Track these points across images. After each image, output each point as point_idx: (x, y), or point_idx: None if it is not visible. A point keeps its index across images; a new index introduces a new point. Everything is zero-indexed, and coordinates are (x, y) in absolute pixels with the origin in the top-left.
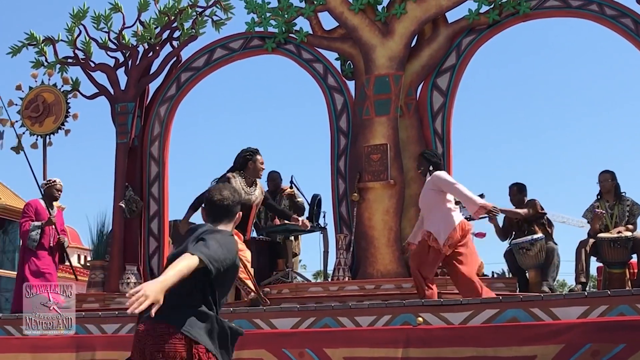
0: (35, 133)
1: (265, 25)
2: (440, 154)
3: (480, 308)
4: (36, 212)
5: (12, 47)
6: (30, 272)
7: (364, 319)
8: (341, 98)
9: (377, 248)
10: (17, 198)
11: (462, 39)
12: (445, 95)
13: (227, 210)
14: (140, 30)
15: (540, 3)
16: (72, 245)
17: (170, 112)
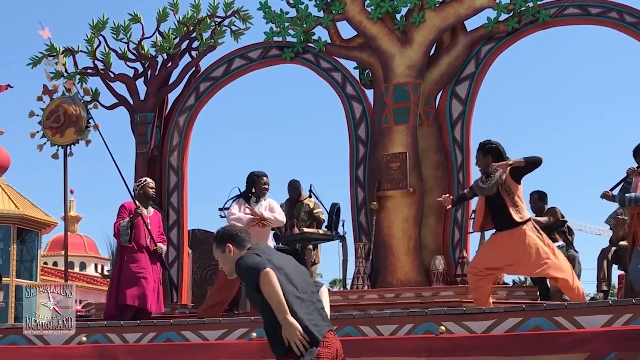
0: (56, 143)
1: (283, 34)
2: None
3: (503, 317)
4: (130, 214)
5: (32, 58)
6: (123, 277)
7: (386, 328)
8: (360, 107)
9: (396, 256)
10: (35, 208)
11: (481, 47)
12: (464, 104)
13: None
14: (160, 41)
15: (559, 11)
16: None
17: (189, 121)
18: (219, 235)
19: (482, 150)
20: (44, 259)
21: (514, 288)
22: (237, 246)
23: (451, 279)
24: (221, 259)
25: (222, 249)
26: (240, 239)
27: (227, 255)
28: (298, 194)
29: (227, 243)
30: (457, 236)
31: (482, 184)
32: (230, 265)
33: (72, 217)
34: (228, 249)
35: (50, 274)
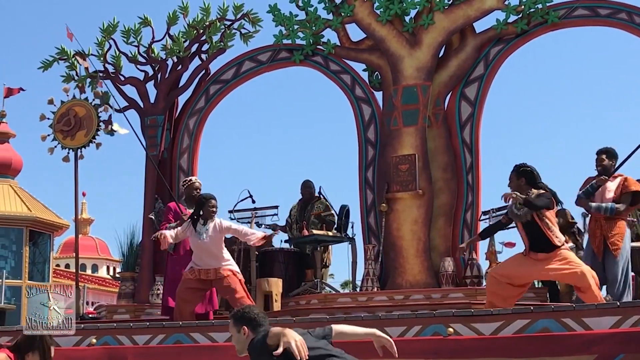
0: (67, 146)
1: (293, 37)
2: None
3: (512, 318)
4: (175, 215)
5: (43, 61)
6: (168, 280)
7: (394, 330)
8: (369, 109)
9: (405, 258)
10: (47, 210)
11: (490, 49)
12: (473, 105)
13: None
14: (170, 44)
15: (568, 12)
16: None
17: (199, 124)
18: (237, 316)
19: (515, 173)
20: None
21: None
22: (253, 330)
23: (460, 281)
24: (234, 338)
25: (238, 329)
26: (256, 323)
27: (240, 337)
28: (311, 194)
29: (243, 325)
30: (466, 238)
31: (517, 211)
32: (241, 346)
33: (84, 220)
34: (243, 331)
35: (62, 276)
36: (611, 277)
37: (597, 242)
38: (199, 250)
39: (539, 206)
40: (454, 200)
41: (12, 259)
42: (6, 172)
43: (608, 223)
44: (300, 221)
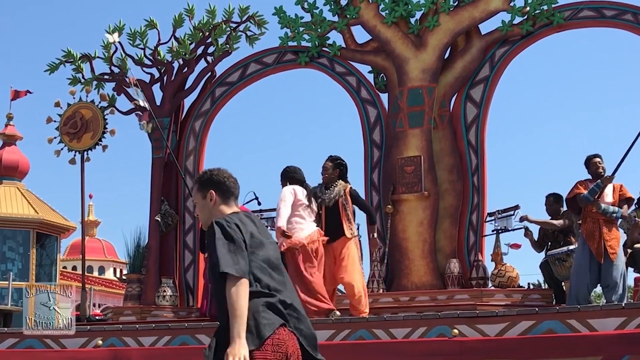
0: (73, 149)
1: (298, 39)
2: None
3: (517, 320)
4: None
5: (49, 64)
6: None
7: (399, 331)
8: (374, 111)
9: (411, 260)
10: (54, 212)
11: (496, 51)
12: (479, 107)
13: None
14: (175, 46)
15: (574, 13)
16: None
17: (205, 126)
18: (203, 179)
19: (333, 163)
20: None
21: (529, 291)
22: (221, 196)
23: (466, 282)
24: (199, 205)
25: (204, 195)
26: (226, 187)
27: (206, 203)
28: None
29: (210, 189)
30: (472, 239)
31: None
32: (207, 214)
33: (90, 222)
34: (210, 195)
35: (69, 278)
36: (612, 282)
37: (597, 244)
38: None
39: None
40: (460, 202)
41: (19, 261)
42: (13, 175)
43: (607, 226)
44: None
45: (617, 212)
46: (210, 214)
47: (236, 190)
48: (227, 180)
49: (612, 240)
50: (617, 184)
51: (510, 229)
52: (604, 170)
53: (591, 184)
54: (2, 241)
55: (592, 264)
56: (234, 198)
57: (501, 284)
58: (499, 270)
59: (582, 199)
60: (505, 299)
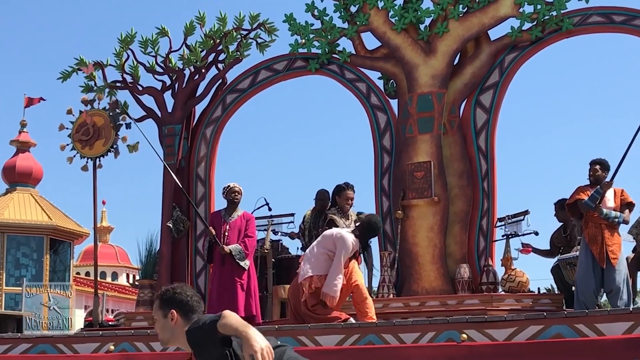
0: (85, 156)
1: (308, 46)
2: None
3: (525, 324)
4: (212, 225)
5: (62, 72)
6: (211, 289)
7: (408, 336)
8: (384, 117)
9: (421, 265)
10: (67, 219)
11: (505, 56)
12: (488, 112)
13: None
14: (187, 54)
15: (583, 19)
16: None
17: (216, 133)
18: (164, 298)
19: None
20: (77, 269)
21: (540, 296)
22: (184, 315)
23: (476, 287)
24: (159, 324)
25: (165, 314)
26: (189, 307)
27: (167, 322)
28: (324, 205)
29: (172, 309)
30: (482, 244)
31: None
32: (168, 334)
33: (104, 228)
34: (172, 315)
35: (82, 284)
36: (615, 287)
37: (599, 249)
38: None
39: None
40: (470, 207)
41: (33, 267)
42: (27, 181)
43: (609, 231)
44: (315, 229)
45: (619, 217)
46: (172, 334)
47: (199, 309)
48: (190, 299)
49: (613, 245)
50: (618, 189)
51: (520, 234)
52: (599, 178)
53: (591, 190)
54: (16, 247)
55: (595, 269)
56: (196, 316)
57: (511, 289)
58: (509, 275)
59: (583, 205)
60: (516, 303)
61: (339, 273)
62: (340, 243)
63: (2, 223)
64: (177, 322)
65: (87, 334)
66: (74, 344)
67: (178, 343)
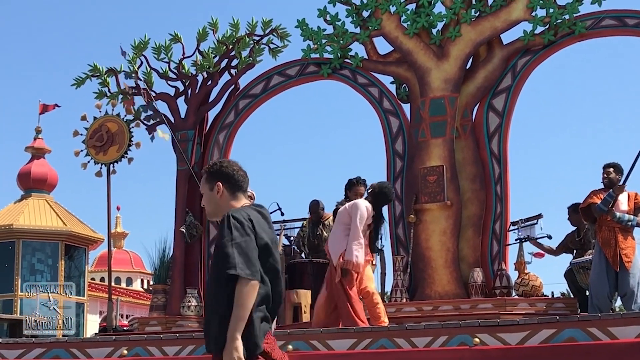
0: (99, 162)
1: (321, 51)
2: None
3: (537, 328)
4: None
5: (76, 78)
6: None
7: (421, 340)
8: (397, 121)
9: (434, 269)
10: (82, 225)
11: (518, 60)
12: (501, 116)
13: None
14: (200, 60)
15: (595, 23)
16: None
17: (228, 138)
18: (212, 171)
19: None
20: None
21: (553, 300)
22: (230, 188)
23: (490, 291)
24: (206, 196)
25: (211, 186)
26: (235, 181)
27: (213, 195)
28: (319, 215)
29: (218, 181)
30: (495, 248)
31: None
32: (213, 206)
33: (118, 234)
34: (218, 188)
35: (97, 290)
36: (629, 291)
37: (612, 252)
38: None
39: None
40: (483, 211)
41: (48, 273)
42: (42, 187)
43: (623, 234)
44: (312, 238)
45: (633, 221)
46: (217, 207)
47: (245, 184)
48: (236, 173)
49: (627, 248)
50: (632, 192)
51: (534, 238)
52: (613, 181)
53: (605, 193)
54: (32, 253)
55: (609, 272)
56: (242, 191)
57: (525, 293)
58: (522, 279)
59: (597, 209)
60: (529, 308)
61: (356, 239)
62: (354, 209)
63: (18, 229)
64: (222, 195)
65: (101, 338)
66: (87, 348)
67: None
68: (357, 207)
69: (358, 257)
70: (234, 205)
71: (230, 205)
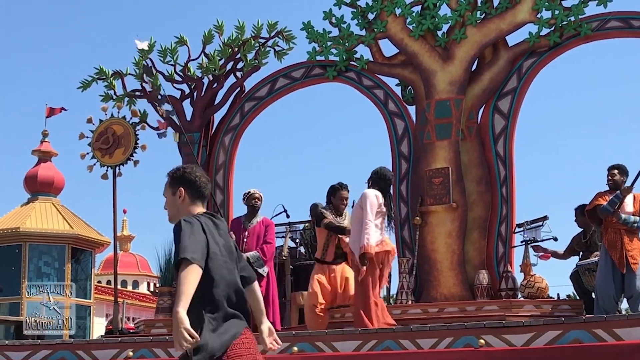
0: (105, 164)
1: (326, 53)
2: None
3: (543, 330)
4: (232, 232)
5: (82, 81)
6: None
7: (426, 342)
8: (402, 123)
9: (440, 271)
10: (89, 228)
11: (523, 62)
12: (507, 118)
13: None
14: (205, 62)
15: (601, 24)
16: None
17: (234, 141)
18: (175, 176)
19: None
20: (98, 277)
21: (559, 302)
22: (191, 194)
23: (495, 293)
24: (168, 200)
25: (174, 191)
26: (197, 187)
27: (175, 200)
28: None
29: (180, 186)
30: (501, 250)
31: None
32: (175, 211)
33: (124, 237)
34: (180, 193)
35: (104, 292)
36: (635, 293)
37: (619, 254)
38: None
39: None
40: (488, 213)
41: (55, 276)
42: (48, 191)
43: (629, 236)
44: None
45: (638, 222)
46: (178, 211)
47: (206, 191)
48: (198, 179)
49: (633, 250)
50: (637, 194)
51: (540, 240)
52: (618, 183)
53: (610, 195)
54: (38, 256)
55: (615, 275)
56: (202, 198)
57: (530, 295)
58: (528, 281)
59: (602, 210)
60: (535, 309)
61: (367, 225)
62: (363, 199)
63: (24, 232)
64: (184, 200)
65: (106, 340)
66: (93, 350)
67: None
68: (366, 196)
69: (368, 239)
70: (193, 210)
71: (189, 210)
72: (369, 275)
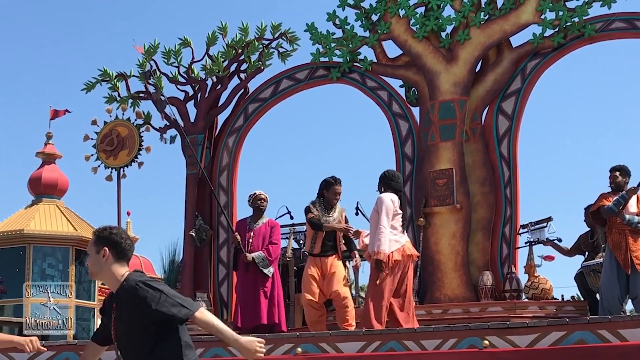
0: (109, 166)
1: (330, 55)
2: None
3: (547, 330)
4: (237, 233)
5: (86, 83)
6: (235, 296)
7: (430, 343)
8: (406, 124)
9: (444, 273)
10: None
11: (527, 63)
12: (511, 119)
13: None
14: (209, 64)
15: (605, 25)
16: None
17: (238, 142)
18: (101, 235)
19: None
20: None
21: (564, 303)
22: (115, 255)
23: (500, 295)
24: (92, 258)
25: (98, 250)
26: (122, 249)
27: (99, 258)
28: None
29: (105, 246)
30: (505, 251)
31: None
32: (97, 269)
33: None
34: (104, 252)
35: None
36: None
37: (623, 255)
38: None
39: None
40: (492, 214)
41: (59, 278)
42: (53, 193)
43: (633, 237)
44: None
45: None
46: (100, 269)
47: (130, 253)
48: (123, 241)
49: (638, 251)
50: None
51: (544, 241)
52: (620, 184)
53: (614, 197)
54: (42, 258)
55: (620, 275)
56: (126, 259)
57: (535, 296)
58: (532, 283)
59: (606, 210)
60: (539, 311)
61: (381, 230)
62: (379, 203)
63: (28, 234)
64: (107, 259)
65: None
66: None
67: (104, 279)
68: (382, 201)
69: (379, 245)
70: (117, 269)
71: (113, 269)
72: (385, 279)
